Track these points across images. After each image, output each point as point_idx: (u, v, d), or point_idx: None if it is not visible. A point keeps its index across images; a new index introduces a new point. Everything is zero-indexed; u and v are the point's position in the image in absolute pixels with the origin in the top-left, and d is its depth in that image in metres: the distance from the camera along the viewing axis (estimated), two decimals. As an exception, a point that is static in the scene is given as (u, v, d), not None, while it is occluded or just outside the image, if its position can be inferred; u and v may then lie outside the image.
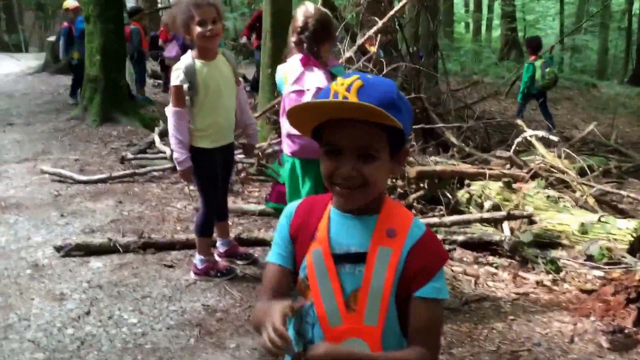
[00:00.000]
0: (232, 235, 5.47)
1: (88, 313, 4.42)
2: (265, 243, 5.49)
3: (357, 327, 1.71)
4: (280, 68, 4.36)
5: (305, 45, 4.11)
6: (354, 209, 1.75)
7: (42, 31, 33.05)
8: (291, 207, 1.91)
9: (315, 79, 4.04)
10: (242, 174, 7.47)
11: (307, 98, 3.98)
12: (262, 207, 6.45)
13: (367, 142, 1.66)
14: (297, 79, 4.12)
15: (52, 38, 17.91)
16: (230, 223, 6.02)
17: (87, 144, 9.57)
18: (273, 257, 1.88)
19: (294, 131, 3.93)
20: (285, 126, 4.21)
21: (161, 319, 4.34)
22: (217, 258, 5.17)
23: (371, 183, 1.68)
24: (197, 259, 4.98)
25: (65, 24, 13.32)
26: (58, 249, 5.39)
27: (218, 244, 5.25)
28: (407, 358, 1.71)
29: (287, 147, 4.23)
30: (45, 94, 13.92)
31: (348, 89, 1.64)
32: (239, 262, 5.23)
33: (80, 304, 4.55)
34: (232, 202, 6.66)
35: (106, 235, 5.71)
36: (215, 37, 4.49)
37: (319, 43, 4.10)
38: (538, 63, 11.70)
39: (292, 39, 4.17)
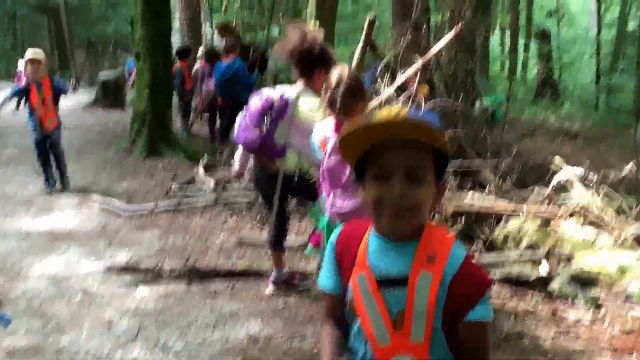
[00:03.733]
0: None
1: (135, 339, 4.47)
2: (306, 274, 5.50)
3: (405, 344, 1.76)
4: (316, 132, 4.21)
5: (338, 105, 3.92)
6: (398, 234, 1.78)
7: (93, 67, 33.76)
8: (335, 234, 1.97)
9: None
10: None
11: (349, 170, 3.87)
12: (302, 238, 6.47)
13: (417, 163, 1.68)
14: (335, 147, 3.91)
15: (103, 74, 18.33)
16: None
17: (135, 175, 9.72)
18: (323, 283, 1.97)
19: (337, 203, 3.91)
20: (330, 195, 4.06)
21: (205, 347, 4.37)
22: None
23: (419, 207, 1.71)
24: (275, 272, 5.22)
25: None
26: (108, 269, 5.48)
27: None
28: None
29: (329, 208, 4.07)
30: (95, 126, 14.19)
31: (397, 115, 1.67)
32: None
33: (128, 330, 4.61)
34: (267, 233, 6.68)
35: (152, 264, 5.78)
36: None
37: (352, 104, 3.92)
38: None
39: (325, 97, 3.99)
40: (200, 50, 14.23)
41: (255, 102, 4.81)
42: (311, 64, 4.68)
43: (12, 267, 5.76)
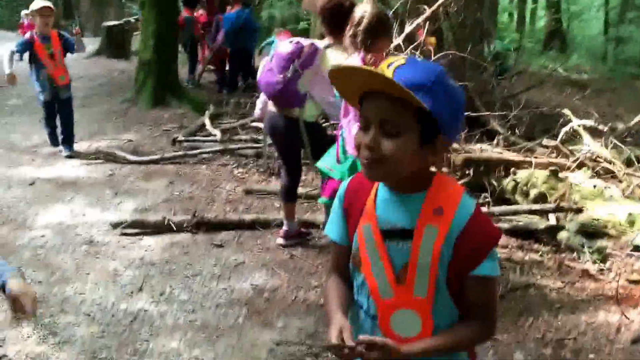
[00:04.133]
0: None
1: (140, 289, 4.44)
2: (312, 225, 5.44)
3: (407, 299, 1.73)
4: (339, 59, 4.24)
5: (360, 39, 3.94)
6: (394, 186, 1.74)
7: (97, 17, 33.34)
8: (344, 184, 1.91)
9: None
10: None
11: None
12: (307, 189, 6.41)
13: (389, 116, 1.62)
14: None
15: (107, 23, 18.05)
16: (277, 206, 6.01)
17: (140, 126, 9.62)
18: (330, 232, 1.92)
19: None
20: (353, 129, 4.02)
21: (210, 297, 4.34)
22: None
23: (388, 159, 1.63)
24: (286, 224, 5.15)
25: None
26: (114, 225, 5.43)
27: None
28: (466, 335, 1.75)
29: (350, 146, 4.08)
30: (99, 77, 14.02)
31: (389, 66, 1.63)
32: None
33: (133, 280, 4.57)
34: (274, 185, 6.63)
35: (158, 214, 5.72)
36: None
37: (374, 39, 3.92)
38: None
39: (349, 33, 4.00)
40: None
41: (285, 46, 4.73)
42: (340, 21, 4.54)
43: (17, 216, 5.71)
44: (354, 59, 4.00)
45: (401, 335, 1.73)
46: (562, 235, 5.36)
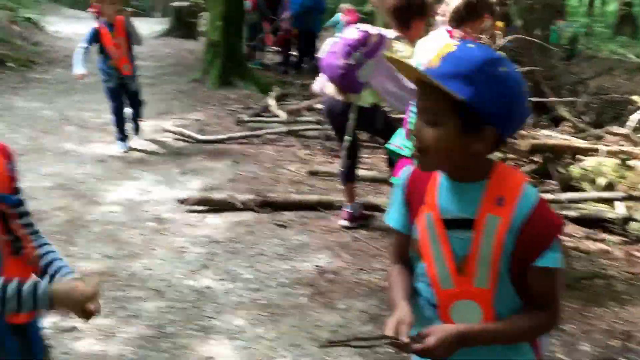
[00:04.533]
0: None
1: (206, 267, 4.48)
2: (375, 208, 5.40)
3: (468, 289, 1.70)
4: (422, 43, 4.18)
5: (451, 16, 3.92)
6: (450, 174, 1.71)
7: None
8: (405, 171, 1.88)
9: None
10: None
11: None
12: (372, 173, 6.36)
13: (427, 105, 1.62)
14: None
15: (176, 4, 18.25)
16: (341, 187, 5.99)
17: (207, 106, 9.71)
18: (391, 221, 1.89)
19: None
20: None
21: (274, 277, 4.34)
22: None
23: (429, 148, 1.62)
24: (349, 206, 5.14)
25: None
26: (181, 201, 5.49)
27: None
28: (528, 324, 1.70)
29: None
30: (168, 57, 14.21)
31: (440, 53, 1.62)
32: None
33: (199, 257, 4.62)
34: (337, 167, 6.60)
35: (224, 193, 5.77)
36: None
37: (465, 20, 3.88)
38: None
39: (440, 10, 4.01)
40: None
41: (352, 32, 4.71)
42: (409, 17, 4.51)
43: (88, 192, 5.82)
44: (442, 32, 3.97)
45: None
46: (633, 225, 5.19)
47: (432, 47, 4.01)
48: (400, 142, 4.32)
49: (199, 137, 7.73)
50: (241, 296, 4.07)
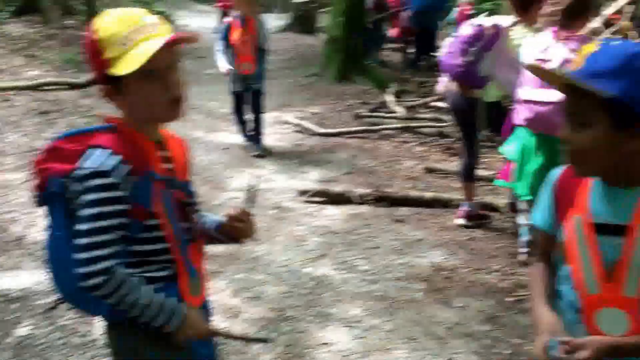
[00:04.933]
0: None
1: (324, 256, 4.56)
2: (493, 208, 5.31)
3: (616, 296, 1.64)
4: (527, 43, 4.13)
5: (558, 17, 3.85)
6: (604, 178, 1.65)
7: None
8: (556, 172, 1.84)
9: (562, 51, 3.77)
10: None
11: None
12: (489, 173, 6.26)
13: (574, 108, 1.59)
14: (545, 50, 3.87)
15: (297, 0, 18.49)
16: (457, 186, 5.93)
17: (325, 100, 9.83)
18: (537, 221, 1.86)
19: (532, 96, 3.75)
20: (523, 94, 3.93)
21: (390, 270, 4.37)
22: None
23: (580, 151, 1.59)
24: (466, 205, 5.09)
25: None
26: (302, 193, 5.60)
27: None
28: None
29: (520, 114, 3.93)
30: (288, 51, 14.41)
31: (582, 54, 1.58)
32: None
33: (318, 246, 4.71)
34: (454, 165, 6.54)
35: (341, 185, 5.84)
36: None
37: (573, 17, 3.80)
38: None
39: (547, 9, 3.94)
40: None
41: (466, 29, 4.67)
42: (529, 1, 4.44)
43: (214, 178, 6.04)
44: (546, 35, 3.90)
45: (605, 332, 1.65)
46: None
47: (535, 48, 3.94)
48: (509, 146, 4.25)
49: (319, 130, 7.85)
50: (358, 287, 4.12)
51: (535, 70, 1.72)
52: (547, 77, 1.70)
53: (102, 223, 1.67)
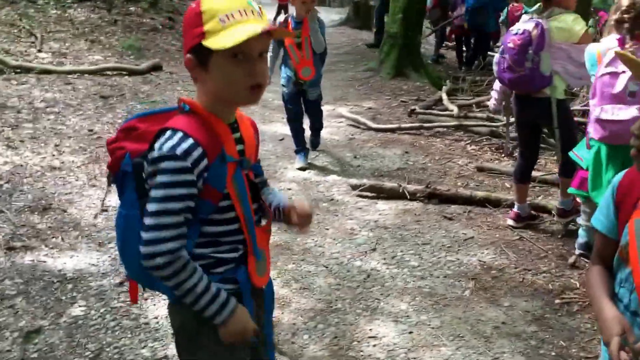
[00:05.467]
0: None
1: (374, 250, 4.57)
2: (544, 210, 5.25)
3: None
4: (593, 47, 4.08)
5: (626, 25, 3.78)
6: None
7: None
8: (619, 175, 1.83)
9: None
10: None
11: (622, 82, 3.69)
12: (541, 174, 6.17)
13: None
14: (612, 60, 3.80)
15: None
16: (508, 186, 5.89)
17: (380, 95, 9.81)
18: (597, 223, 1.86)
19: (605, 116, 3.71)
20: (596, 111, 3.89)
21: (439, 267, 4.36)
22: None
23: None
24: (518, 207, 5.04)
25: None
26: (354, 187, 5.63)
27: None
28: None
29: (595, 131, 3.91)
30: (345, 45, 14.46)
31: None
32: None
33: (368, 240, 4.72)
34: (511, 167, 6.48)
35: (393, 181, 5.84)
36: None
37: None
38: None
39: (614, 17, 3.86)
40: None
41: (512, 40, 4.62)
42: None
43: (268, 168, 6.10)
44: (611, 40, 3.86)
45: None
46: None
47: (599, 54, 3.89)
48: (581, 152, 4.22)
49: (372, 125, 7.85)
50: (407, 282, 4.13)
51: (627, 62, 1.70)
52: (636, 69, 1.67)
53: (170, 205, 1.70)
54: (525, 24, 4.64)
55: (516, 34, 4.61)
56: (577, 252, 4.45)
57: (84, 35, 10.91)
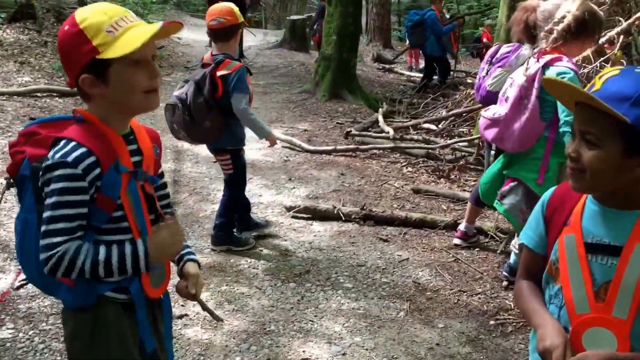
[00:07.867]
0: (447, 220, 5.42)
1: (308, 272, 4.58)
2: (480, 232, 5.35)
3: (605, 317, 1.66)
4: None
5: (554, 36, 3.84)
6: (601, 198, 1.69)
7: (280, 11, 34.49)
8: (549, 192, 1.87)
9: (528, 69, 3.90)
10: (461, 162, 7.36)
11: (512, 91, 3.99)
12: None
13: (590, 127, 1.59)
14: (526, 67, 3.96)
15: (291, 17, 18.64)
16: (445, 208, 5.99)
17: (315, 117, 9.87)
18: (526, 239, 1.89)
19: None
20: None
21: (374, 288, 4.39)
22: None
23: (587, 170, 1.60)
24: (464, 226, 5.14)
25: None
26: (288, 208, 5.63)
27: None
28: None
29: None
30: (280, 67, 14.50)
31: (601, 77, 1.60)
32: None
33: (302, 262, 4.73)
34: (448, 189, 6.60)
35: (328, 203, 5.87)
36: None
37: (569, 39, 3.82)
38: None
39: (545, 27, 3.92)
40: None
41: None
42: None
43: (202, 190, 6.06)
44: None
45: None
46: None
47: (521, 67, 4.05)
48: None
49: (307, 147, 7.88)
50: (341, 303, 4.15)
51: (552, 84, 1.73)
52: (567, 92, 1.67)
53: (63, 211, 1.75)
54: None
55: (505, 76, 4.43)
56: (503, 273, 4.54)
57: (13, 57, 10.69)
